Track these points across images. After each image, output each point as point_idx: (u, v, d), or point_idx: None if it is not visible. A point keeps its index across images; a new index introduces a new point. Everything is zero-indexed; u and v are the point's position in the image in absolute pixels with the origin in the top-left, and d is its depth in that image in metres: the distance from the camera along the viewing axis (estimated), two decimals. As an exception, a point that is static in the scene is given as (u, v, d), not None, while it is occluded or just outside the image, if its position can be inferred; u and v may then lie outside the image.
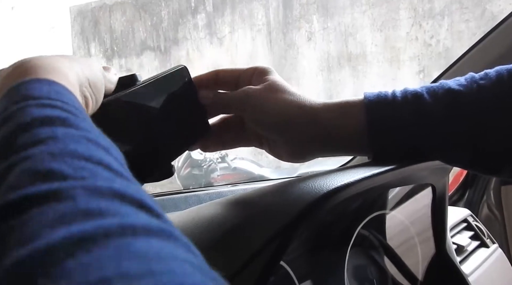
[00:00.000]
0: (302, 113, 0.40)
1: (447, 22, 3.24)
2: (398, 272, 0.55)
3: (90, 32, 4.93)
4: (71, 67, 0.29)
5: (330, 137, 0.41)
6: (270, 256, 0.32)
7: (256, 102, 0.41)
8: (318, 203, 0.32)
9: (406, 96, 0.40)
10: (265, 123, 0.41)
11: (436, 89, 0.40)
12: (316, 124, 0.40)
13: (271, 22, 4.05)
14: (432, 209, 0.52)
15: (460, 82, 0.40)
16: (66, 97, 0.24)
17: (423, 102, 0.39)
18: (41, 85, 0.24)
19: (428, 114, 0.39)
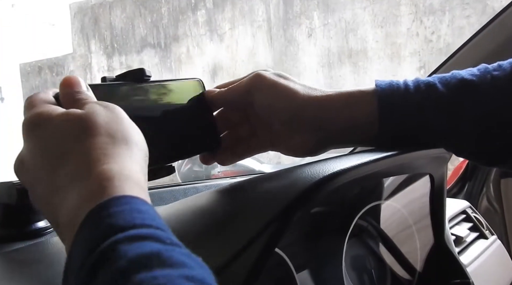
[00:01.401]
0: (314, 100, 0.40)
1: (448, 18, 3.23)
2: (396, 262, 0.55)
3: (90, 29, 4.92)
4: (135, 160, 0.27)
5: (342, 124, 0.40)
6: (266, 241, 0.32)
7: (269, 84, 0.40)
8: (314, 188, 0.32)
9: (418, 85, 0.40)
10: (277, 109, 0.40)
11: (449, 79, 0.39)
12: (327, 111, 0.40)
13: (272, 18, 4.05)
14: (430, 199, 0.52)
15: (473, 72, 0.39)
16: (148, 217, 0.23)
17: (437, 91, 0.39)
18: (122, 210, 0.23)
19: (442, 104, 0.39)
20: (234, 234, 0.33)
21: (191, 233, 0.36)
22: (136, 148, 0.28)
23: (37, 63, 5.25)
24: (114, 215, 0.22)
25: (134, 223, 0.22)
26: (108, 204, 0.23)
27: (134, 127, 0.30)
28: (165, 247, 0.21)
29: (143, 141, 0.30)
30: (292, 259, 0.43)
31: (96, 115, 0.28)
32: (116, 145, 0.27)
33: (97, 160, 0.26)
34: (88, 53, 5.00)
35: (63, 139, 0.27)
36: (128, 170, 0.26)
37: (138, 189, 0.25)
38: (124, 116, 0.30)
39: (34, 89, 5.26)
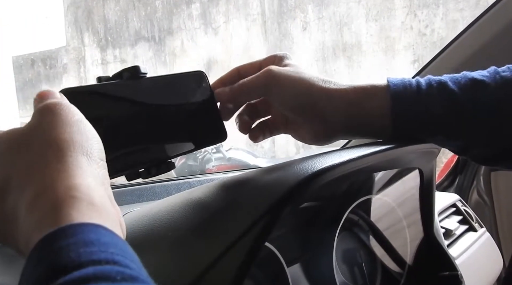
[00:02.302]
0: (327, 93, 0.40)
1: (442, 11, 3.24)
2: (386, 255, 0.56)
3: (83, 22, 4.88)
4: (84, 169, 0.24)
5: (353, 118, 0.41)
6: (256, 236, 0.32)
7: (281, 81, 0.40)
8: (303, 183, 0.33)
9: (430, 83, 0.40)
10: (290, 103, 0.41)
11: (460, 78, 0.40)
12: (340, 104, 0.41)
13: (266, 12, 4.03)
14: (420, 193, 0.53)
15: (483, 73, 0.40)
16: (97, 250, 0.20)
17: (448, 89, 0.39)
18: (68, 244, 0.20)
19: (454, 101, 0.39)
20: (225, 228, 0.34)
21: (183, 227, 0.36)
22: (86, 154, 0.25)
23: (30, 56, 5.21)
24: (58, 251, 0.20)
25: (79, 261, 0.19)
26: (54, 236, 0.21)
27: (86, 131, 0.27)
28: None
29: (97, 143, 0.27)
30: (283, 253, 0.44)
31: (36, 126, 0.26)
32: (61, 155, 0.24)
33: (41, 179, 0.23)
34: (81, 46, 4.97)
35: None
36: (76, 188, 0.23)
37: (90, 209, 0.22)
38: (71, 116, 0.27)
39: (27, 82, 5.22)
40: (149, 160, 0.37)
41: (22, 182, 0.24)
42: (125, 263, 0.20)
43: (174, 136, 0.39)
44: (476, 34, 0.70)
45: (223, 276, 0.32)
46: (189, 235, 0.35)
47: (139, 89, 0.36)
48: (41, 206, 0.23)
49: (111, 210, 0.24)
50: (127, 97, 0.36)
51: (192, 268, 0.33)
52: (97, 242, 0.20)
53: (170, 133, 0.38)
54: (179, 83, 0.40)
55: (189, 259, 0.34)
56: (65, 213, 0.22)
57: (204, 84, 0.42)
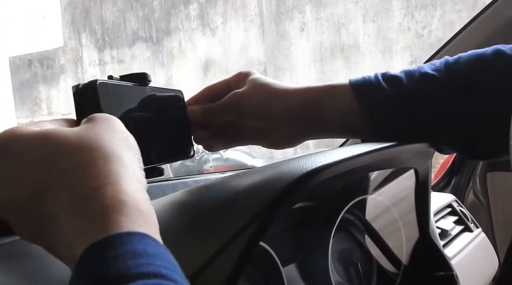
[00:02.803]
0: (285, 100, 0.44)
1: (439, 12, 3.25)
2: (382, 255, 0.56)
3: (81, 22, 4.87)
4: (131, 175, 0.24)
5: (315, 118, 0.44)
6: (250, 236, 0.32)
7: (244, 102, 0.45)
8: (297, 183, 0.33)
9: (386, 78, 0.43)
10: (256, 116, 0.45)
11: (413, 72, 0.43)
12: (300, 106, 0.44)
13: (264, 12, 4.04)
14: (415, 193, 0.53)
15: (436, 66, 0.43)
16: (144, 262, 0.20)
17: (402, 84, 0.42)
18: (116, 254, 0.20)
19: (407, 96, 0.42)
20: (219, 228, 0.34)
21: (177, 227, 0.36)
22: (131, 159, 0.26)
23: (27, 57, 5.20)
24: (107, 262, 0.20)
25: (128, 274, 0.19)
26: (102, 245, 0.21)
27: (130, 139, 0.27)
28: None
29: (138, 151, 0.27)
30: (278, 253, 0.44)
31: (86, 130, 0.26)
32: (108, 160, 0.24)
33: (88, 182, 0.23)
34: (79, 46, 4.96)
35: (37, 163, 0.24)
36: (124, 193, 0.23)
37: (137, 215, 0.22)
38: (118, 127, 0.27)
39: (24, 83, 5.21)
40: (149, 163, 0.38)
41: (66, 183, 0.23)
42: (171, 277, 0.20)
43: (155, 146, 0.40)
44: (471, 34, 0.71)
45: (217, 276, 0.32)
46: (183, 235, 0.35)
47: (143, 96, 0.38)
48: (88, 208, 0.22)
49: (154, 216, 0.24)
50: (134, 100, 0.37)
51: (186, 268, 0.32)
52: (144, 254, 0.20)
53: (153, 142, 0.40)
54: (164, 97, 0.42)
55: (183, 259, 0.34)
56: (113, 218, 0.21)
57: (181, 102, 0.45)
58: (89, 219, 0.22)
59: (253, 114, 0.45)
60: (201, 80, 4.22)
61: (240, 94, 0.45)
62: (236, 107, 0.45)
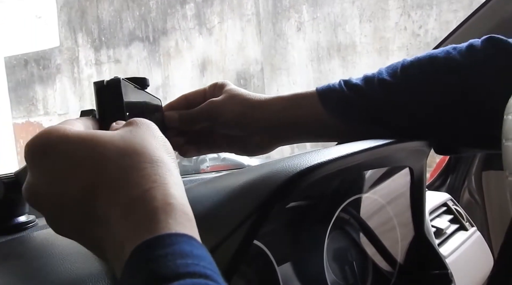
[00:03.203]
0: (258, 109, 0.47)
1: (436, 12, 3.26)
2: (377, 254, 0.56)
3: (77, 22, 4.86)
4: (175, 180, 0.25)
5: (286, 126, 0.47)
6: (244, 235, 0.32)
7: (220, 111, 0.47)
8: (290, 182, 0.33)
9: (348, 84, 0.47)
10: (231, 124, 0.48)
11: (371, 79, 0.46)
12: (272, 115, 0.47)
13: (261, 12, 4.03)
14: (411, 192, 0.53)
15: (393, 71, 0.46)
16: (192, 262, 0.21)
17: (359, 89, 0.46)
18: (166, 253, 0.21)
19: (367, 102, 0.46)
20: (213, 227, 0.34)
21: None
22: (173, 164, 0.27)
23: (23, 57, 5.18)
24: (157, 259, 0.21)
25: (178, 272, 0.20)
26: (152, 243, 0.22)
27: (167, 142, 0.28)
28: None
29: (174, 155, 0.29)
30: (273, 252, 0.44)
31: (130, 134, 0.26)
32: (154, 164, 0.25)
33: (137, 184, 0.24)
34: (75, 46, 4.94)
35: (86, 165, 0.25)
36: (172, 196, 0.24)
37: (184, 218, 0.23)
38: (157, 132, 0.28)
39: (20, 83, 5.19)
40: None
41: (116, 185, 0.24)
42: (214, 278, 0.21)
43: None
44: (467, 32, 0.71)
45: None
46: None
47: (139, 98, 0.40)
48: (138, 210, 0.23)
49: (194, 218, 0.25)
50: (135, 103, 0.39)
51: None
52: (191, 254, 0.21)
53: None
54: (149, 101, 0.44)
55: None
56: (163, 220, 0.22)
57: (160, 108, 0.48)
58: (140, 220, 0.23)
59: (228, 123, 0.47)
60: (198, 80, 4.22)
61: (216, 103, 0.48)
62: (212, 115, 0.48)
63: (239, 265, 0.32)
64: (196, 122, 0.49)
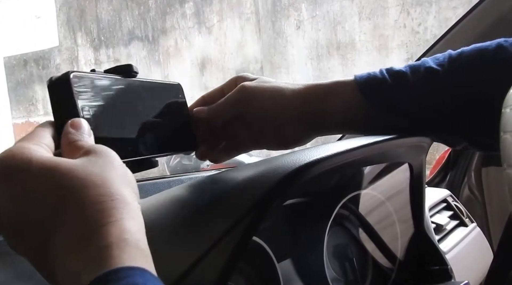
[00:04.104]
0: (297, 95, 0.43)
1: (435, 9, 3.25)
2: (377, 250, 0.56)
3: (76, 22, 4.85)
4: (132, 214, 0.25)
5: (321, 116, 0.44)
6: (242, 231, 0.32)
7: (253, 93, 0.43)
8: (289, 178, 0.33)
9: (391, 73, 0.43)
10: (264, 111, 0.44)
11: (418, 67, 0.43)
12: (306, 105, 0.43)
13: (260, 10, 4.03)
14: (410, 188, 0.53)
15: (439, 61, 0.43)
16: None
17: (406, 79, 0.43)
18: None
19: (409, 91, 0.43)
20: (212, 223, 0.34)
21: (171, 224, 0.36)
22: (131, 196, 0.26)
23: (22, 57, 5.17)
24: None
25: None
26: (106, 278, 0.22)
27: (128, 172, 0.28)
28: None
29: (135, 184, 0.28)
30: (273, 249, 0.44)
31: (90, 164, 0.26)
32: (113, 198, 0.25)
33: (94, 219, 0.24)
34: (74, 46, 4.94)
35: (47, 195, 0.25)
36: (127, 232, 0.24)
37: (138, 253, 0.24)
38: (117, 161, 0.28)
39: (20, 83, 5.19)
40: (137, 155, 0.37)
41: (74, 217, 0.24)
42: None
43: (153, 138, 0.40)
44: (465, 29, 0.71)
45: (210, 271, 0.32)
46: (177, 231, 0.35)
47: (130, 88, 0.37)
48: (93, 245, 0.23)
49: (150, 254, 0.25)
50: (120, 92, 0.36)
51: (180, 262, 0.33)
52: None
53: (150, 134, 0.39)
54: (161, 90, 0.42)
55: (177, 254, 0.34)
56: (117, 255, 0.23)
57: (180, 95, 0.44)
58: (94, 255, 0.23)
59: (261, 109, 0.44)
60: (198, 79, 4.21)
61: (249, 86, 0.44)
62: (244, 100, 0.44)
63: (239, 261, 0.32)
64: (225, 109, 0.44)
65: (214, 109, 0.45)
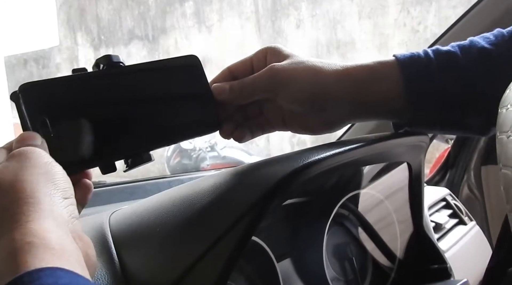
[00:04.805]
0: (334, 76, 0.39)
1: (435, 8, 3.25)
2: (377, 249, 0.56)
3: (76, 21, 4.85)
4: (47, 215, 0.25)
5: (362, 100, 0.39)
6: (241, 231, 0.32)
7: (287, 77, 0.38)
8: (288, 177, 0.33)
9: (439, 55, 0.39)
10: (300, 97, 0.39)
11: (468, 48, 0.39)
12: (348, 85, 0.39)
13: (260, 9, 4.03)
14: (409, 187, 0.53)
15: (491, 40, 0.39)
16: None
17: (458, 61, 0.38)
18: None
19: (462, 74, 0.38)
20: (211, 223, 0.34)
21: (170, 224, 0.36)
22: (49, 195, 0.26)
23: (22, 56, 5.18)
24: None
25: None
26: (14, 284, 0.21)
27: (54, 169, 0.28)
28: None
29: (64, 182, 0.28)
30: (273, 248, 0.44)
31: (2, 171, 0.26)
32: (21, 202, 0.25)
33: (0, 228, 0.24)
34: (74, 45, 4.94)
35: None
36: (33, 234, 0.23)
37: (47, 253, 0.23)
38: (39, 160, 0.28)
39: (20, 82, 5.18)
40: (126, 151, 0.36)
41: None
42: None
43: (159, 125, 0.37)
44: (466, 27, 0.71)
45: (210, 270, 0.32)
46: (176, 231, 0.35)
47: (118, 78, 0.35)
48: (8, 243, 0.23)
49: (71, 249, 0.24)
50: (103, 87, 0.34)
51: (180, 262, 0.33)
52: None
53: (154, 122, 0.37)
54: (168, 70, 0.38)
55: (177, 253, 0.34)
56: (21, 260, 0.22)
57: (196, 69, 0.39)
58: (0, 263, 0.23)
59: (296, 96, 0.39)
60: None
61: (281, 69, 0.38)
62: (275, 85, 0.39)
63: (238, 261, 0.32)
64: (252, 93, 0.39)
65: (238, 90, 0.39)
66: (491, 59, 0.37)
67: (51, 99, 0.32)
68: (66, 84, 0.33)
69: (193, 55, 0.40)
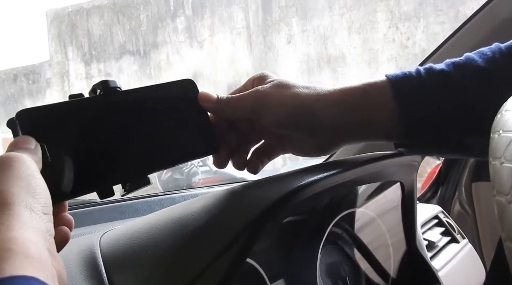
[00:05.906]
0: (321, 102, 0.38)
1: (423, 24, 3.31)
2: (370, 268, 0.56)
3: (67, 36, 4.85)
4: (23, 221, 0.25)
5: (356, 123, 0.39)
6: (235, 253, 0.32)
7: (270, 100, 0.38)
8: (282, 200, 0.33)
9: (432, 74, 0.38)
10: (285, 121, 0.39)
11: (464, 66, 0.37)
12: (337, 110, 0.38)
13: (251, 25, 4.07)
14: (402, 206, 0.53)
15: (488, 57, 0.37)
16: None
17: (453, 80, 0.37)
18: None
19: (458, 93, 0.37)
20: (205, 245, 0.33)
21: (163, 245, 0.36)
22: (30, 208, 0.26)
23: (12, 71, 5.15)
24: None
25: None
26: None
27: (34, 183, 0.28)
28: None
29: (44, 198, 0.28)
30: (265, 269, 0.44)
31: None
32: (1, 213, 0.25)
33: None
34: (65, 60, 4.93)
35: None
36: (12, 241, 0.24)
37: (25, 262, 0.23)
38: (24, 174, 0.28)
39: (9, 97, 5.15)
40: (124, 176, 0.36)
41: None
42: None
43: (164, 147, 0.37)
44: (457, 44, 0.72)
45: (203, 295, 0.31)
46: (169, 254, 0.35)
47: (116, 104, 0.35)
48: None
49: (48, 261, 0.24)
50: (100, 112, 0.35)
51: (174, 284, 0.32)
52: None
53: (151, 147, 0.37)
54: (165, 94, 0.38)
55: (170, 276, 0.34)
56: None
57: (192, 93, 0.40)
58: None
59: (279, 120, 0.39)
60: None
61: (266, 91, 0.38)
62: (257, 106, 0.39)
63: (232, 283, 0.32)
64: (236, 109, 0.39)
65: (225, 102, 0.40)
66: (489, 78, 0.36)
67: (48, 125, 0.32)
68: (63, 110, 0.33)
69: (189, 79, 0.40)
